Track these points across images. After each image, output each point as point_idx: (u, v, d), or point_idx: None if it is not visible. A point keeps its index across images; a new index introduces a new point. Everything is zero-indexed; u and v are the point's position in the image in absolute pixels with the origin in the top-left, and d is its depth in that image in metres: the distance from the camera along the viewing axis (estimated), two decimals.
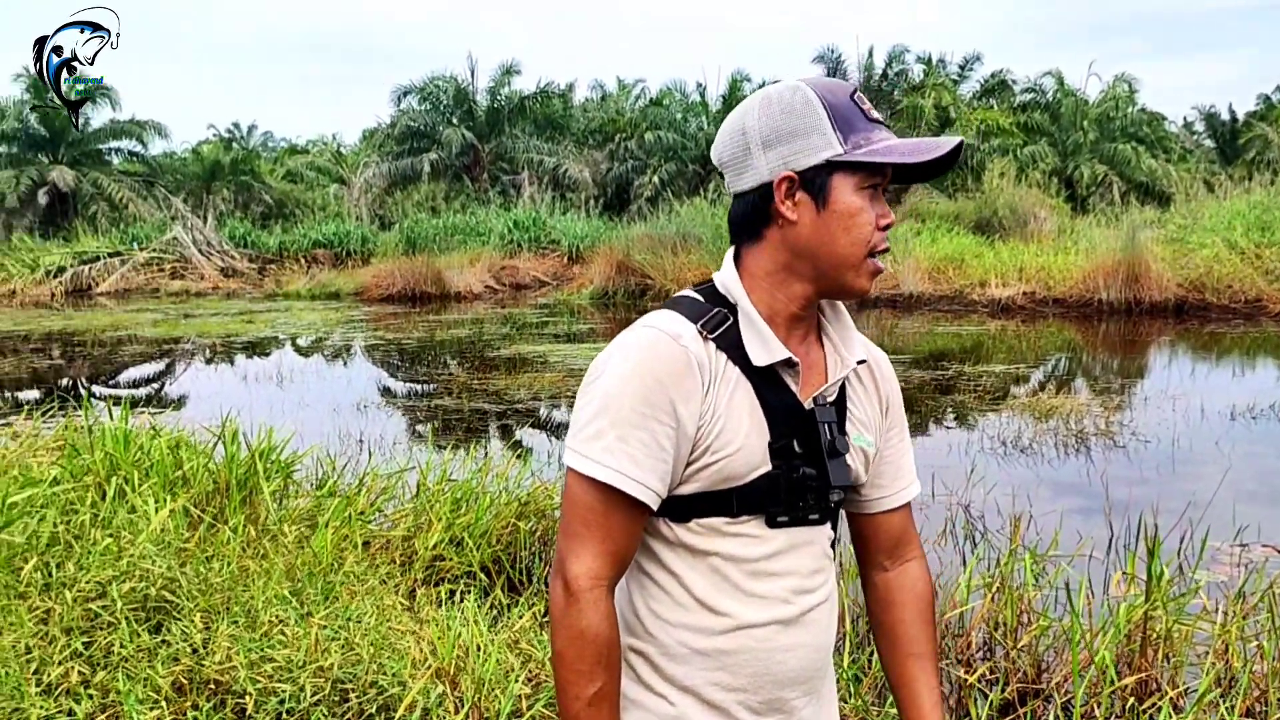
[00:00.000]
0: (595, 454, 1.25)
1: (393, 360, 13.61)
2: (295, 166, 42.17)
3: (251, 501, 4.61)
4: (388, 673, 3.00)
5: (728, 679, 1.33)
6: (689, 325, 1.30)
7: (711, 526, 1.31)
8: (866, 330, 7.35)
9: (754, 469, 1.30)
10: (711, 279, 1.39)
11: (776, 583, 1.34)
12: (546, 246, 25.28)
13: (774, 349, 1.31)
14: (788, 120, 1.29)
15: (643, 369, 1.25)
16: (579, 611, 1.25)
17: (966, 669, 3.51)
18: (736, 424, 1.29)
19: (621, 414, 1.24)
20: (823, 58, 31.94)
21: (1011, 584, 3.75)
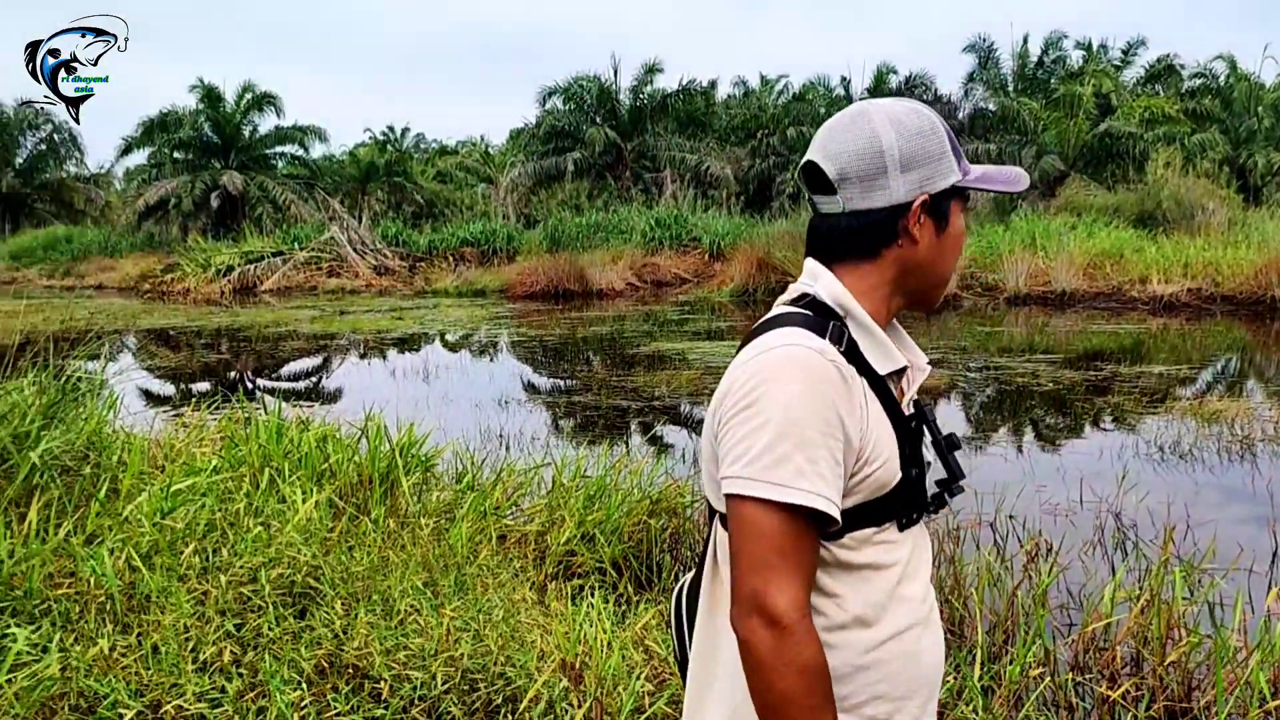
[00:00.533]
0: (786, 479, 1.22)
1: (534, 356, 13.90)
2: (445, 167, 43.56)
3: (392, 494, 4.79)
4: (515, 664, 3.08)
5: (888, 689, 1.34)
6: (823, 340, 1.30)
7: (862, 538, 1.33)
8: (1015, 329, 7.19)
9: (895, 476, 1.32)
10: (803, 293, 1.39)
11: (914, 585, 1.37)
12: (687, 244, 25.35)
13: (894, 357, 1.36)
14: (924, 144, 1.33)
15: (813, 388, 1.24)
16: (797, 645, 1.21)
17: (1110, 684, 3.36)
18: (882, 433, 1.31)
19: (805, 435, 1.23)
20: (974, 47, 31.01)
21: (1162, 597, 3.57)
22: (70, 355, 5.81)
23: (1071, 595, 4.21)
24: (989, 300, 17.28)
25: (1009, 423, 8.84)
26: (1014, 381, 10.20)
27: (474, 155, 46.03)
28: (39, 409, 4.33)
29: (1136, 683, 3.32)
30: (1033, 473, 6.63)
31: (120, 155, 34.81)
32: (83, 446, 4.47)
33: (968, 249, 18.57)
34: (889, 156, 1.31)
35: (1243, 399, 8.84)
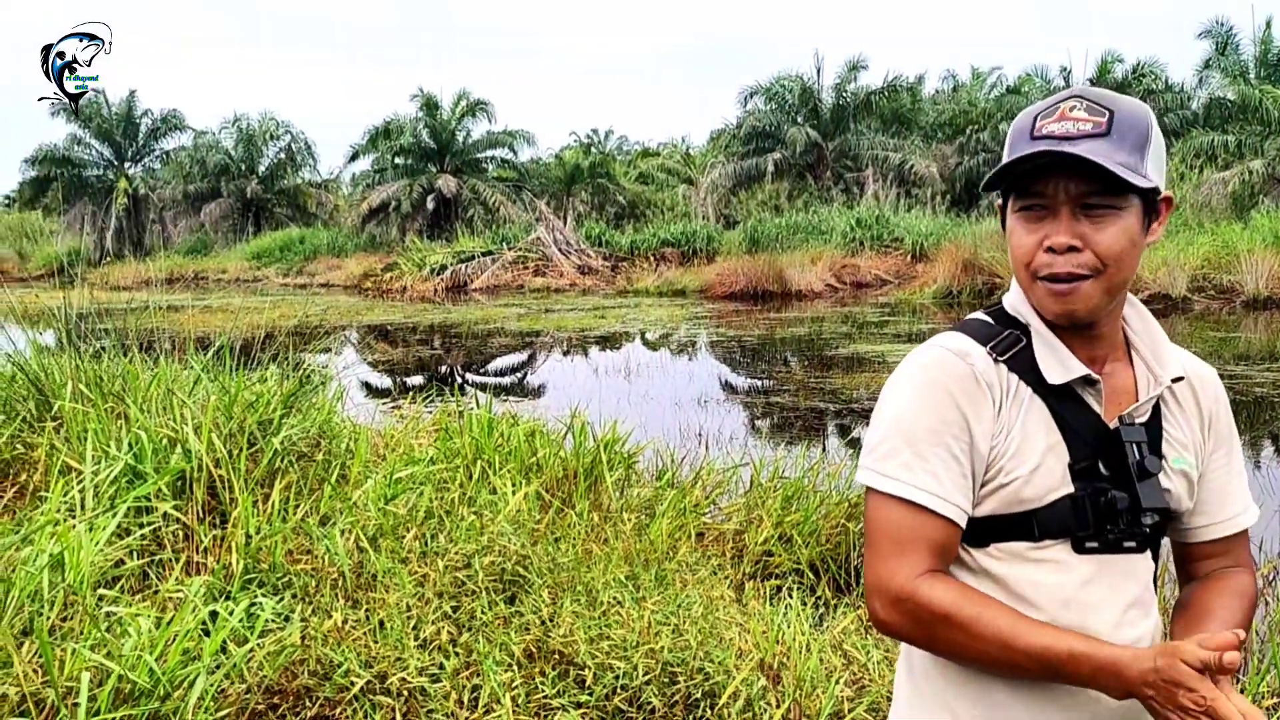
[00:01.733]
0: (893, 471, 1.26)
1: (733, 357, 13.96)
2: (647, 169, 44.25)
3: (596, 489, 4.96)
4: (714, 660, 3.14)
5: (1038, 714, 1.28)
6: (978, 346, 1.30)
7: (1013, 552, 1.29)
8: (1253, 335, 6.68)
9: (1052, 491, 1.27)
10: (999, 303, 1.39)
11: (1090, 614, 1.28)
12: (889, 244, 24.79)
13: (1071, 366, 1.29)
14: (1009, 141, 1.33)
15: (933, 385, 1.27)
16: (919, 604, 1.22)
17: None
18: (1031, 445, 1.27)
19: (916, 430, 1.26)
20: (1210, 32, 28.84)
21: None
22: (304, 349, 6.31)
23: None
24: (1224, 303, 16.09)
25: (1245, 435, 8.20)
26: (1251, 391, 9.47)
27: (675, 156, 46.57)
28: (280, 399, 4.73)
29: None
30: (1275, 491, 6.15)
31: (348, 161, 37.38)
32: (315, 434, 4.85)
33: (1199, 248, 17.33)
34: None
35: None
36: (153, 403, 4.59)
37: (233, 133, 40.45)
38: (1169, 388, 1.35)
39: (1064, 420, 1.28)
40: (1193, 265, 16.81)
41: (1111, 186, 1.23)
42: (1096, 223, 1.24)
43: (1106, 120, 1.24)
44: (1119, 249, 1.25)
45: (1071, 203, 1.24)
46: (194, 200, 40.12)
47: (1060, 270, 1.25)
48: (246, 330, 6.13)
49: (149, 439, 4.03)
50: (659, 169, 43.95)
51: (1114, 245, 1.25)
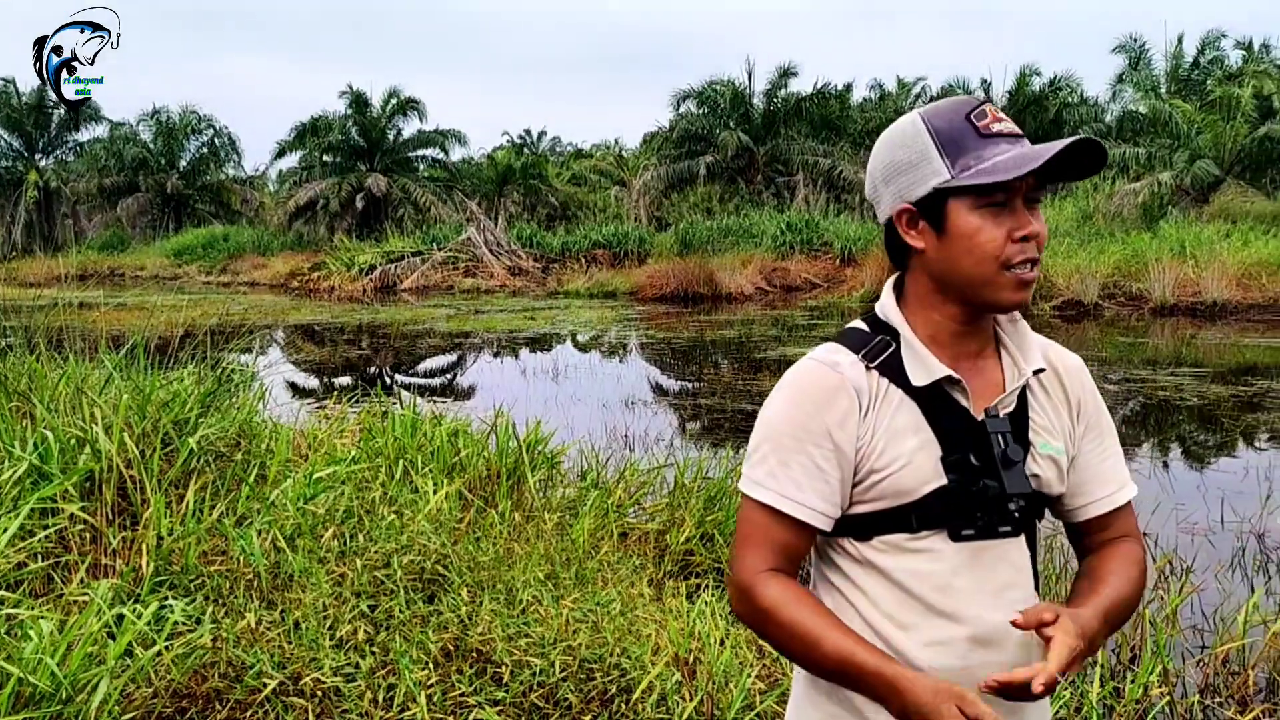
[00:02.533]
0: (759, 477, 1.36)
1: (662, 359, 14.04)
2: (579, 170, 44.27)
3: (519, 489, 4.96)
4: (630, 657, 3.17)
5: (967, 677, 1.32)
6: (849, 354, 1.38)
7: (893, 543, 1.36)
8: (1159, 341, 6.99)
9: (926, 484, 1.33)
10: (872, 308, 1.46)
11: (965, 598, 1.34)
12: (818, 249, 25.12)
13: (933, 368, 1.36)
14: (899, 154, 1.35)
15: (799, 397, 1.37)
16: (759, 597, 1.33)
17: (1240, 709, 3.25)
18: (900, 443, 1.33)
19: (781, 440, 1.36)
20: (1124, 47, 29.89)
21: None
22: (225, 348, 6.20)
23: (1205, 617, 4.07)
24: (1133, 310, 16.61)
25: (1148, 437, 8.51)
26: (1156, 395, 9.81)
27: (608, 158, 46.65)
28: (198, 398, 4.65)
29: (1269, 709, 3.20)
30: (1172, 490, 6.39)
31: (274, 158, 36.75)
32: (235, 434, 4.78)
33: (1111, 256, 17.88)
34: (876, 174, 1.40)
35: None
36: (61, 402, 4.48)
37: (151, 125, 39.49)
38: (1036, 378, 1.42)
39: (935, 417, 1.35)
40: (1104, 273, 17.32)
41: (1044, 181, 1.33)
42: (1035, 213, 1.34)
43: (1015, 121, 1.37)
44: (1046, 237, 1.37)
45: (1025, 195, 1.32)
46: (110, 194, 39.08)
47: (1031, 256, 1.32)
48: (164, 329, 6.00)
49: (56, 439, 3.94)
50: (592, 170, 44.00)
51: (1046, 234, 1.36)
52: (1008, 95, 31.53)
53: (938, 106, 1.35)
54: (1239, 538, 5.32)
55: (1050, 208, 22.53)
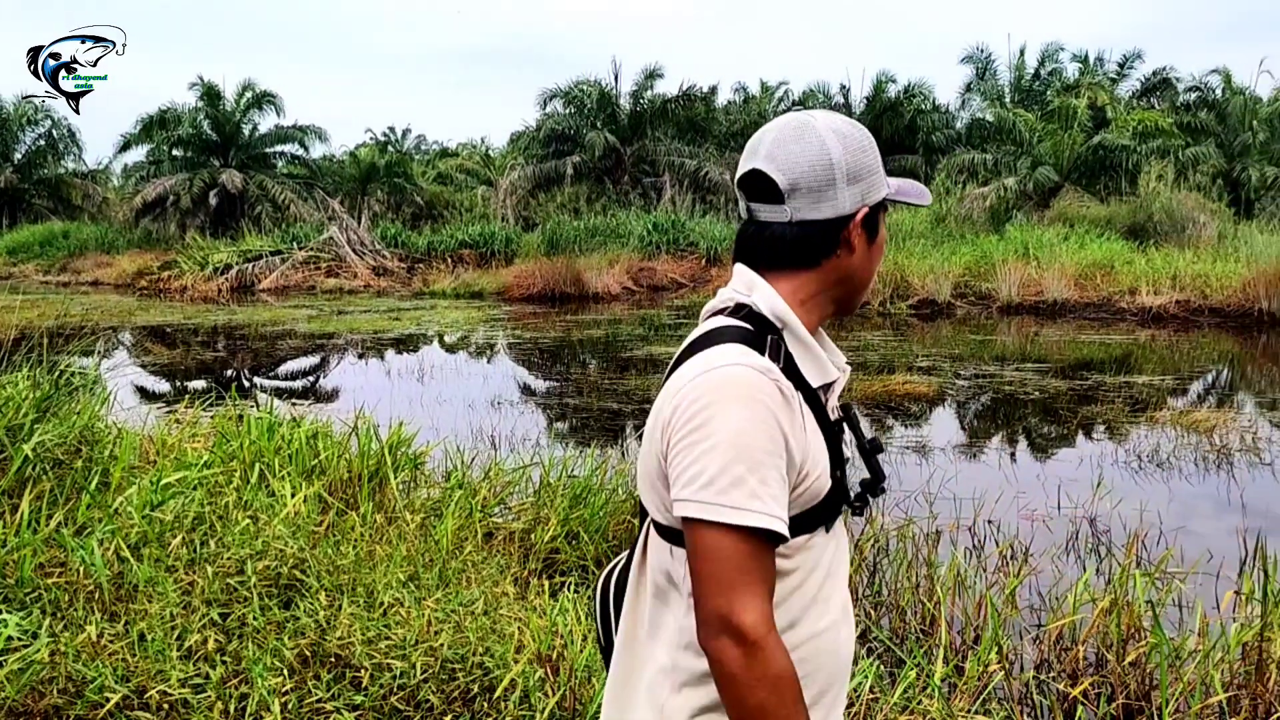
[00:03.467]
0: (741, 502, 1.23)
1: (529, 359, 13.99)
2: (445, 169, 43.63)
3: (381, 491, 4.89)
4: (493, 656, 3.17)
5: (808, 686, 1.37)
6: (771, 361, 1.32)
7: (797, 546, 1.35)
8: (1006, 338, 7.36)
9: (828, 483, 1.36)
10: (740, 304, 1.41)
11: (837, 582, 1.44)
12: (685, 249, 25.44)
13: (826, 370, 1.39)
14: (864, 158, 1.38)
15: (759, 409, 1.26)
16: (768, 658, 1.23)
17: (1071, 682, 3.45)
18: (818, 444, 1.35)
19: (755, 458, 1.25)
20: (971, 58, 31.22)
21: (1126, 599, 3.67)
22: (65, 351, 5.90)
23: (1042, 598, 4.31)
24: (982, 309, 17.39)
25: (995, 430, 8.94)
26: (1002, 390, 10.30)
27: (474, 157, 46.13)
28: (32, 403, 4.42)
29: (1097, 681, 3.42)
30: (1015, 479, 6.73)
31: (119, 152, 34.84)
32: (75, 440, 4.56)
33: (962, 257, 18.69)
34: (838, 169, 1.35)
35: (1224, 410, 8.94)
36: None
37: None
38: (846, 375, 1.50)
39: (819, 417, 1.38)
40: (956, 273, 18.09)
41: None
42: None
43: None
44: None
45: None
46: None
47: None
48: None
49: None
50: (458, 170, 43.43)
51: None
52: (865, 101, 32.60)
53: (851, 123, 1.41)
54: (1073, 522, 5.65)
55: (906, 210, 23.39)
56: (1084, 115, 25.41)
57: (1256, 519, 5.57)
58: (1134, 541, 4.22)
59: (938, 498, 5.95)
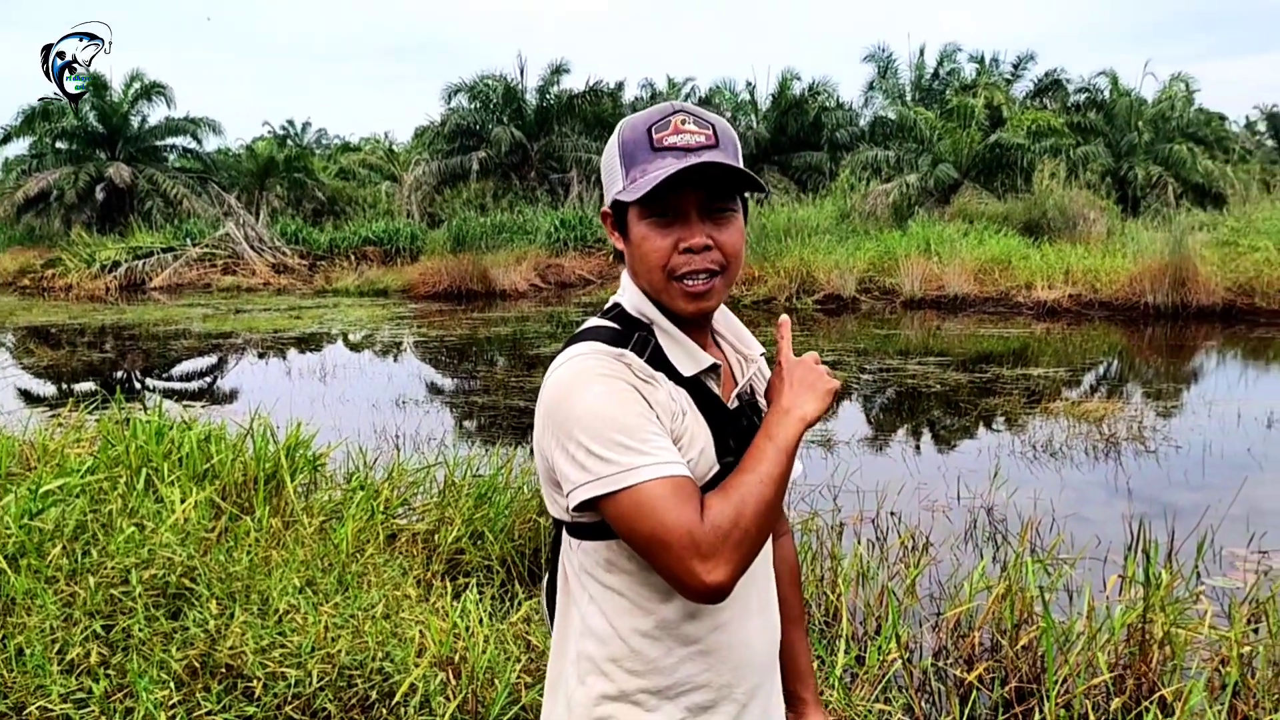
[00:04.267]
0: (630, 462, 1.23)
1: (435, 357, 13.79)
2: (348, 164, 42.79)
3: (278, 494, 4.74)
4: (394, 660, 3.09)
5: (713, 678, 1.37)
6: (618, 349, 1.34)
7: None
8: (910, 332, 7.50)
9: (711, 470, 1.36)
10: (615, 305, 1.43)
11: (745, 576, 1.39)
12: (592, 245, 25.40)
13: (699, 358, 1.39)
14: (605, 159, 1.41)
15: (614, 381, 1.28)
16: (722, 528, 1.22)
17: (967, 668, 3.52)
18: (693, 430, 1.35)
19: (626, 421, 1.25)
20: (873, 56, 31.79)
21: (1019, 586, 3.76)
22: None
23: (941, 586, 4.39)
24: (886, 303, 17.73)
25: (899, 423, 9.11)
26: (905, 384, 10.51)
27: (378, 152, 45.32)
28: None
29: (991, 666, 3.49)
30: (917, 471, 6.86)
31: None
32: None
33: (866, 253, 19.01)
34: (602, 169, 1.42)
35: (1113, 400, 9.27)
36: None
37: None
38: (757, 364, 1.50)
39: (701, 405, 1.38)
40: (860, 269, 18.41)
41: (730, 191, 1.36)
42: (719, 223, 1.36)
43: (712, 133, 1.36)
44: (738, 246, 1.38)
45: (699, 207, 1.34)
46: None
47: (699, 267, 1.34)
48: None
49: None
50: (361, 164, 42.63)
51: (735, 243, 1.37)
52: (771, 98, 32.98)
53: (635, 117, 1.38)
54: (971, 512, 5.78)
55: (811, 206, 23.74)
56: (981, 114, 26.14)
57: (1142, 504, 5.78)
58: (1027, 529, 4.33)
59: (842, 491, 6.03)
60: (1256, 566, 4.69)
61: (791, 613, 1.61)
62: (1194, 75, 38.98)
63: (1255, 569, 4.65)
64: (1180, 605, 3.54)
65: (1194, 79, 31.44)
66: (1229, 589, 4.35)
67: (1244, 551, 4.86)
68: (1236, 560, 4.78)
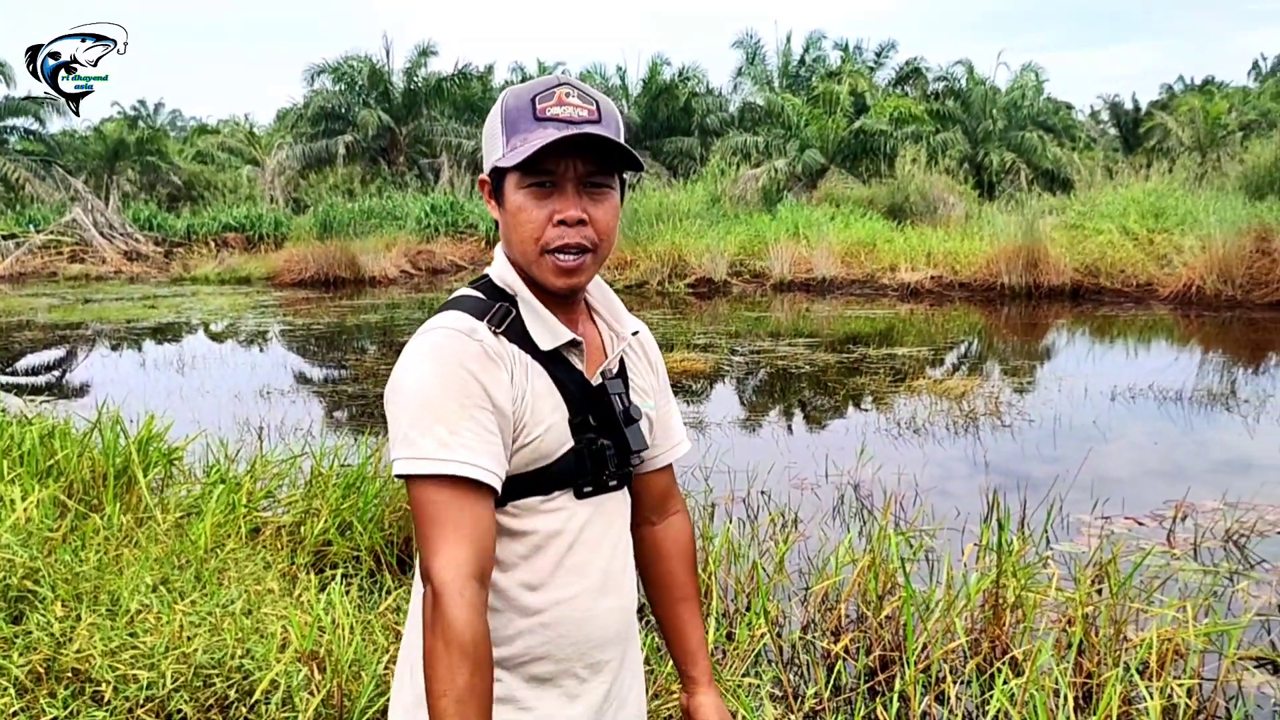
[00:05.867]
0: (429, 452, 1.24)
1: (302, 346, 13.40)
2: (206, 147, 41.20)
3: (130, 490, 4.53)
4: (255, 657, 2.99)
5: (553, 651, 1.38)
6: (478, 322, 1.33)
7: (528, 507, 1.36)
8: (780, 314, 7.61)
9: (562, 446, 1.36)
10: (485, 275, 1.43)
11: (591, 551, 1.40)
12: (464, 230, 25.10)
13: (558, 333, 1.38)
14: (487, 127, 1.40)
15: (448, 363, 1.27)
16: (444, 608, 1.20)
17: (834, 639, 3.61)
18: (543, 405, 1.34)
19: (443, 407, 1.25)
20: (741, 43, 32.21)
21: (882, 558, 3.87)
22: None
23: (810, 561, 4.49)
24: (757, 286, 18.03)
25: (770, 404, 9.28)
26: (776, 365, 10.71)
27: (237, 135, 43.70)
28: None
29: (856, 636, 3.59)
30: (787, 450, 7.00)
31: None
32: None
33: (736, 236, 19.29)
34: (484, 136, 1.42)
35: (972, 378, 9.65)
36: None
37: None
38: (629, 342, 1.49)
39: (559, 381, 1.37)
40: (731, 252, 18.68)
41: (608, 167, 1.35)
42: (595, 200, 1.35)
43: (596, 109, 1.35)
44: (612, 224, 1.37)
45: (577, 180, 1.33)
46: None
47: (572, 241, 1.33)
48: None
49: None
50: (219, 148, 41.09)
51: (609, 220, 1.37)
52: (642, 83, 33.09)
53: (519, 87, 1.37)
54: (839, 488, 5.93)
55: (682, 191, 23.94)
56: (846, 101, 26.79)
57: (999, 476, 6.03)
58: (891, 503, 4.47)
59: (714, 471, 6.10)
60: (1100, 531, 4.95)
61: (681, 592, 1.61)
62: (1043, 66, 40.75)
63: (1099, 534, 4.91)
64: (1030, 570, 3.71)
65: (1043, 69, 32.95)
66: (1075, 553, 4.58)
67: (1089, 517, 5.12)
68: (1082, 526, 5.04)
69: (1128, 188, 19.31)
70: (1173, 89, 41.14)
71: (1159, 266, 15.13)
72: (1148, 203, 17.04)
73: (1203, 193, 19.37)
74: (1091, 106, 43.40)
